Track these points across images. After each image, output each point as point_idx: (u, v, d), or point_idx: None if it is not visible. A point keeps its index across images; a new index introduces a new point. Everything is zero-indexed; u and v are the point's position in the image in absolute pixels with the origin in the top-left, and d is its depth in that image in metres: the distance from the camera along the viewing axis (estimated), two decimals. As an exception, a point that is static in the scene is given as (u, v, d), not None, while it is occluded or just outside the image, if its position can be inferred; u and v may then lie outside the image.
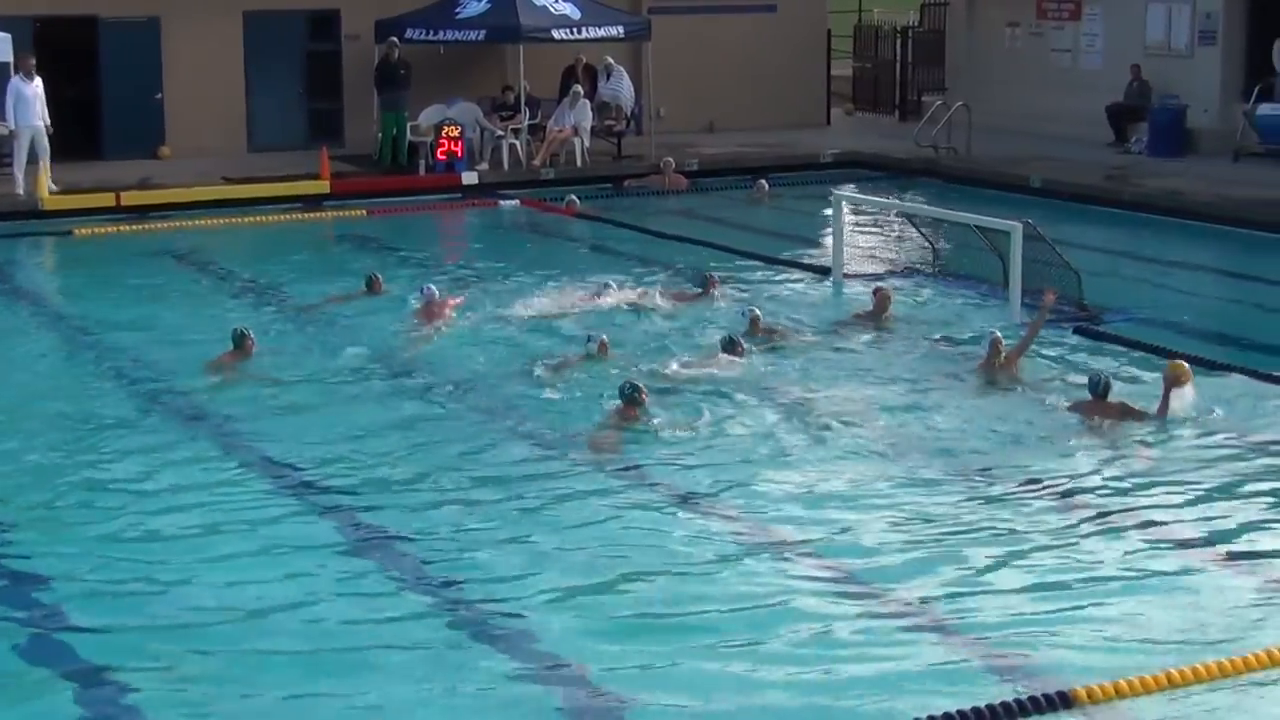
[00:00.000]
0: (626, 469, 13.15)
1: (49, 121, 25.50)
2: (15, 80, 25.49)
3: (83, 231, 24.29)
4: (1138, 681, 9.12)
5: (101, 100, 29.42)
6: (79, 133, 28.10)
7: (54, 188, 25.60)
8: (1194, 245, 23.56)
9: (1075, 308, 18.18)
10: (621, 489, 12.70)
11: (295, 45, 30.90)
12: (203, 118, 29.77)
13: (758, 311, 17.37)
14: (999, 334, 16.06)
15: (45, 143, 25.48)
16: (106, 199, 25.69)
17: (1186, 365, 14.59)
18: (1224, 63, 29.63)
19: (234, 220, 25.13)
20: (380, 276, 19.47)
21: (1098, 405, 14.30)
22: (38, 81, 25.51)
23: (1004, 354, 15.68)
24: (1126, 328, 17.68)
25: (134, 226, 24.87)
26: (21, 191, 25.34)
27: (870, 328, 17.61)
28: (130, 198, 25.83)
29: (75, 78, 28.96)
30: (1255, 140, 28.46)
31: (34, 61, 25.69)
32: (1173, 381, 14.30)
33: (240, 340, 16.18)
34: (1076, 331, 17.49)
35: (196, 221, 24.95)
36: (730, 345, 16.19)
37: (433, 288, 18.41)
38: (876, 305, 18.01)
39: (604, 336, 16.33)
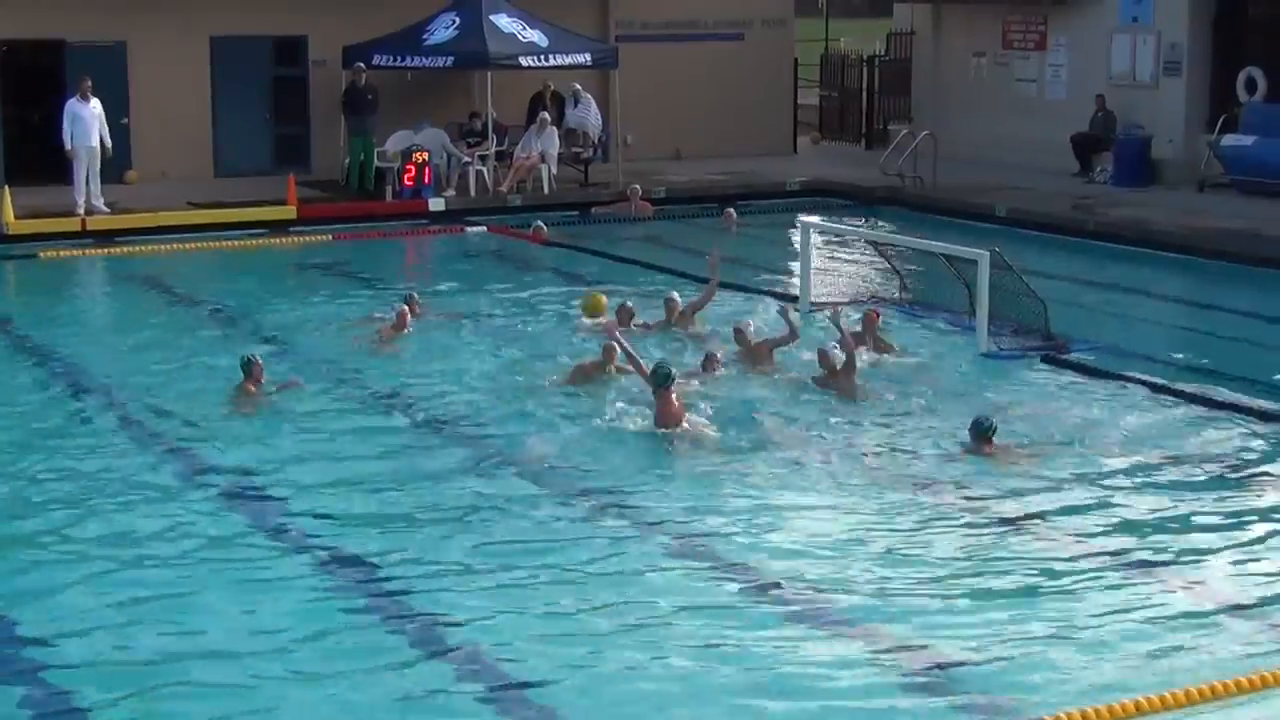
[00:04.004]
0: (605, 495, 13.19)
1: (109, 143, 26.41)
2: (72, 102, 26.18)
3: (48, 255, 24.22)
4: (1105, 710, 9.13)
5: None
6: (45, 156, 27.97)
7: (106, 209, 26.20)
8: (1159, 275, 23.68)
9: (1042, 337, 18.24)
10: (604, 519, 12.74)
11: (262, 70, 30.85)
12: (169, 142, 29.72)
13: (749, 323, 17.79)
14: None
15: (98, 165, 26.31)
16: (72, 223, 25.72)
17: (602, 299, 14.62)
18: (1189, 93, 29.82)
19: (200, 245, 25.08)
20: (417, 297, 19.51)
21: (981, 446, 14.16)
22: (95, 103, 26.21)
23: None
24: (1092, 357, 17.75)
25: (100, 251, 24.81)
26: (81, 211, 25.91)
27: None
28: (96, 222, 25.83)
29: (41, 101, 28.86)
30: (1220, 171, 28.64)
31: (90, 84, 26.34)
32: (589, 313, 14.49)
33: (248, 367, 15.82)
34: (1044, 361, 17.56)
35: (162, 246, 24.94)
36: (707, 363, 16.45)
37: (404, 306, 18.64)
38: (865, 327, 17.91)
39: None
